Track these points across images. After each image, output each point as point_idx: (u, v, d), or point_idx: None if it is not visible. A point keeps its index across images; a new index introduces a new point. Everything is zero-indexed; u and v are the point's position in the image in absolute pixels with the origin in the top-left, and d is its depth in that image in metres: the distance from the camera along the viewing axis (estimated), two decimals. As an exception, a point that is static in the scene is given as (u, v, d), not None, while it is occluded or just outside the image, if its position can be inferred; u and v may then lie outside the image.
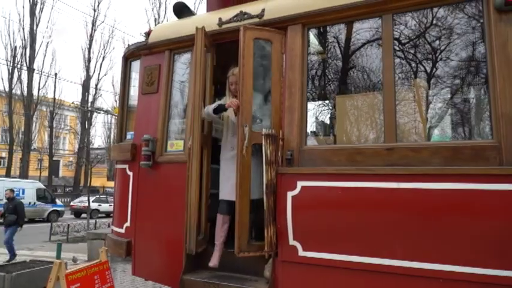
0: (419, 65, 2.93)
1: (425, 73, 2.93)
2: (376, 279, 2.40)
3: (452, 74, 2.82)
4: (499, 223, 2.17)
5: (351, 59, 3.16)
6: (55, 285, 2.56)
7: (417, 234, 2.32)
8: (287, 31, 3.03)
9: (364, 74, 3.07)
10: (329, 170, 2.61)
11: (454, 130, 2.82)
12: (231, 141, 3.15)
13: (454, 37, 2.75)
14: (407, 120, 2.80)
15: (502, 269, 2.11)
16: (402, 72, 2.93)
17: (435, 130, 2.86)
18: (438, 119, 2.85)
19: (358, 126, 3.01)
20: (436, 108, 2.88)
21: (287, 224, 2.68)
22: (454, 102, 2.88)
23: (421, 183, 2.34)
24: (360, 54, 3.11)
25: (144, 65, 3.74)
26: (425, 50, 2.88)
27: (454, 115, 2.86)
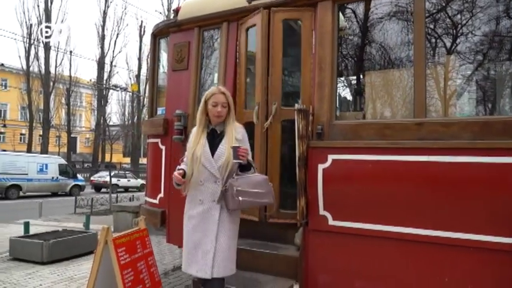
0: (450, 38, 2.95)
1: (456, 47, 2.95)
2: (404, 247, 2.54)
3: (483, 48, 2.84)
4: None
5: (380, 35, 3.18)
6: (104, 248, 2.78)
7: (446, 205, 2.43)
8: (317, 7, 3.06)
9: (393, 49, 3.11)
10: (360, 144, 2.71)
11: (485, 105, 2.86)
12: (202, 191, 2.40)
13: (487, 8, 2.75)
14: (437, 95, 2.86)
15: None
16: (433, 46, 2.96)
17: (467, 105, 2.91)
18: (469, 94, 2.90)
19: (387, 101, 3.08)
20: (467, 83, 2.92)
21: (318, 195, 2.81)
22: (485, 77, 2.91)
23: (451, 156, 2.43)
24: (389, 29, 3.13)
25: (174, 42, 3.83)
26: (457, 23, 2.89)
27: (485, 90, 2.89)
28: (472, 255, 2.35)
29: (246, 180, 2.34)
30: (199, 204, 2.39)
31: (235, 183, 2.30)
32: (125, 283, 2.80)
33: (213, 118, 2.45)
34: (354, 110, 3.31)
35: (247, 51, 3.42)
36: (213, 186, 2.37)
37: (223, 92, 2.45)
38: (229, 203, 2.32)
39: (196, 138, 2.43)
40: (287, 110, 3.05)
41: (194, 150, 2.38)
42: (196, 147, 2.38)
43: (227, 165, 2.35)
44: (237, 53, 3.44)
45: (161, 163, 3.79)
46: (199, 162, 2.35)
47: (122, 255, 2.85)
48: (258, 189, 2.32)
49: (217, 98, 2.42)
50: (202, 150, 2.37)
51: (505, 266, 2.27)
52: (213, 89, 2.49)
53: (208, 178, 2.38)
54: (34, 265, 5.46)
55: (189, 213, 2.46)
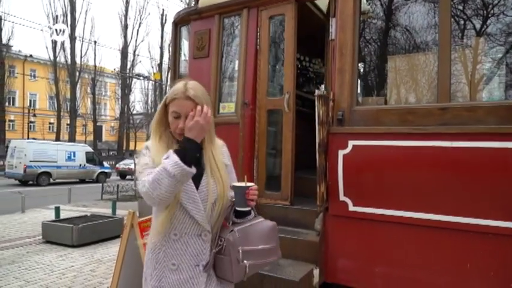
0: (474, 23, 2.85)
1: (480, 31, 2.84)
2: (424, 233, 2.53)
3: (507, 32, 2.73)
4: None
5: (404, 18, 3.11)
6: (130, 231, 2.91)
7: (467, 191, 2.39)
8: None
9: (417, 32, 3.03)
10: (382, 130, 2.68)
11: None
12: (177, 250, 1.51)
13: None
14: (462, 80, 2.78)
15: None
16: (458, 30, 2.87)
17: (492, 89, 2.81)
18: (494, 79, 2.80)
19: (411, 86, 3.02)
20: (492, 67, 2.82)
21: (338, 181, 2.82)
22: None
23: (475, 141, 2.37)
24: (413, 12, 3.05)
25: (194, 29, 3.86)
26: (481, 7, 2.78)
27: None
28: (494, 241, 2.31)
29: (249, 232, 1.51)
30: (171, 271, 1.48)
31: (235, 240, 1.46)
32: (151, 264, 2.92)
33: (175, 135, 1.53)
34: (376, 95, 3.26)
35: (270, 38, 3.42)
36: (197, 243, 1.50)
37: (191, 97, 1.47)
38: (227, 272, 1.48)
39: (156, 156, 1.48)
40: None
41: None
42: None
43: (219, 211, 1.54)
44: (257, 40, 3.44)
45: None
46: (175, 201, 1.45)
47: (146, 238, 2.97)
48: (266, 245, 1.52)
49: (180, 105, 1.47)
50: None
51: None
52: (177, 88, 1.51)
53: (189, 229, 1.49)
54: (65, 248, 5.76)
55: (153, 284, 1.50)
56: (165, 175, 1.33)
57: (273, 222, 1.61)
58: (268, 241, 1.54)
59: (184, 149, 1.38)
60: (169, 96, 1.51)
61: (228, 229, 1.49)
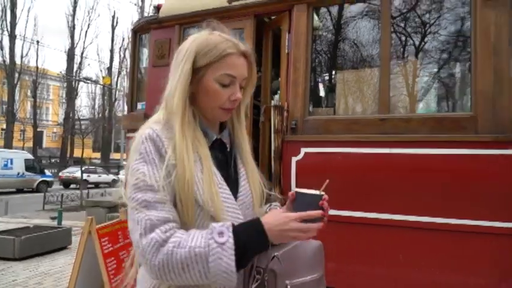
0: (412, 40, 3.26)
1: (416, 49, 3.26)
2: (372, 230, 2.83)
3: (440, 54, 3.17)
4: (473, 181, 2.58)
5: (350, 35, 3.46)
6: (88, 239, 2.89)
7: (405, 191, 2.73)
8: (293, 10, 3.28)
9: (362, 50, 3.38)
10: (330, 138, 2.96)
11: (439, 103, 3.20)
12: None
13: (444, 15, 3.08)
14: (400, 93, 3.16)
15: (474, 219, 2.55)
16: (397, 47, 3.26)
17: (422, 103, 3.23)
18: (425, 93, 3.22)
19: (356, 98, 3.35)
20: (424, 82, 3.25)
21: (291, 185, 3.04)
22: (441, 76, 3.25)
23: (410, 148, 2.72)
24: (358, 30, 3.40)
25: (155, 38, 3.93)
26: (417, 26, 3.20)
27: (440, 89, 3.23)
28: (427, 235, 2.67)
29: (294, 257, 1.01)
30: None
31: (281, 270, 0.95)
32: (108, 271, 2.92)
33: (212, 112, 1.04)
34: (326, 106, 3.56)
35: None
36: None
37: (247, 54, 1.04)
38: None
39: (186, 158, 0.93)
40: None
41: (188, 190, 0.92)
42: (203, 187, 0.94)
43: None
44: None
45: (141, 156, 3.90)
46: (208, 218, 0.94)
47: (105, 245, 2.97)
48: (314, 274, 1.05)
49: (235, 65, 1.01)
50: (216, 191, 0.96)
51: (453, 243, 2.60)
52: (225, 41, 1.01)
53: None
54: (6, 261, 5.41)
55: None
56: (200, 271, 0.84)
57: (318, 242, 1.11)
58: (316, 268, 1.07)
59: (249, 244, 0.87)
60: (211, 52, 0.98)
61: (267, 255, 0.95)
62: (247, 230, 0.88)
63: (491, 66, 2.64)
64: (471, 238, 2.56)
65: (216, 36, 1.02)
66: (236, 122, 1.12)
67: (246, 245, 0.86)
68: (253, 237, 0.87)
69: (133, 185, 0.90)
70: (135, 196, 0.89)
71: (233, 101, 1.01)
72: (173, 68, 1.05)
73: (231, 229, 0.86)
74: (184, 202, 0.91)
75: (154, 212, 0.87)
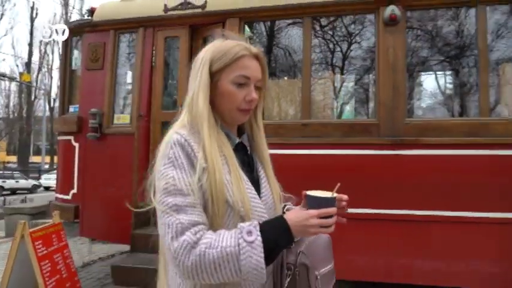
0: (331, 56, 3.75)
1: (333, 64, 3.76)
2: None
3: (353, 69, 3.70)
4: (377, 176, 3.09)
5: (276, 49, 3.84)
6: (20, 243, 2.86)
7: (323, 187, 3.15)
8: (226, 23, 3.56)
9: (287, 62, 3.80)
10: (260, 141, 3.29)
11: (351, 111, 3.73)
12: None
13: (356, 37, 3.60)
14: (319, 102, 3.62)
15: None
16: (317, 63, 3.72)
17: (338, 110, 3.73)
18: (340, 102, 3.74)
19: (284, 105, 3.74)
20: (340, 93, 3.76)
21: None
22: (353, 88, 3.79)
23: (327, 150, 3.17)
24: (284, 44, 3.81)
25: (88, 41, 3.94)
26: (335, 43, 3.69)
27: (352, 99, 3.77)
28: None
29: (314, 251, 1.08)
30: None
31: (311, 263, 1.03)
32: (43, 274, 2.92)
33: (230, 114, 1.06)
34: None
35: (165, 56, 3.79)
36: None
37: (259, 57, 1.07)
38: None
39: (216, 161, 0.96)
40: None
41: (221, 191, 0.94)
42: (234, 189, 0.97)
43: None
44: (153, 57, 3.75)
45: (74, 160, 3.89)
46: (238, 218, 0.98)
47: (39, 248, 2.96)
48: (330, 264, 1.14)
49: (249, 66, 1.04)
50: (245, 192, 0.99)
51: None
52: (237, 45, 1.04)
53: None
54: None
55: None
56: (232, 269, 0.87)
57: (327, 235, 1.16)
58: (330, 259, 1.14)
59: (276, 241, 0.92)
60: (226, 57, 1.02)
61: (292, 251, 1.03)
62: (273, 227, 0.92)
63: (391, 81, 3.19)
64: (372, 223, 3.07)
65: (228, 42, 1.05)
66: (255, 126, 1.14)
67: (273, 242, 0.90)
68: (279, 234, 0.91)
69: (163, 190, 0.92)
70: (165, 200, 0.91)
71: (249, 101, 1.03)
72: (191, 76, 1.06)
73: (259, 228, 0.89)
74: (215, 203, 0.93)
75: (184, 215, 0.89)
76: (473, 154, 3.00)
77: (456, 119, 3.35)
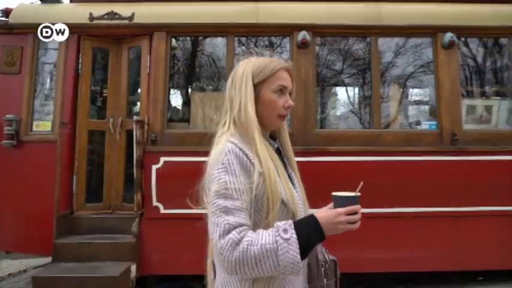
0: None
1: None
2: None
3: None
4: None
5: (202, 61, 4.10)
6: None
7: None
8: (153, 35, 3.70)
9: (212, 73, 4.07)
10: (186, 149, 3.50)
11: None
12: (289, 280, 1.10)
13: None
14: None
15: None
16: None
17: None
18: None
19: (207, 115, 3.98)
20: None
21: (152, 190, 3.46)
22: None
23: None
24: (209, 57, 4.08)
25: (2, 44, 3.76)
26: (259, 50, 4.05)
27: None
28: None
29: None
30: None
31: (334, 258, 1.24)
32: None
33: (272, 119, 1.18)
34: (183, 121, 4.09)
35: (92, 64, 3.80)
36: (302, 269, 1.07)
37: (290, 70, 1.21)
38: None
39: (271, 165, 1.08)
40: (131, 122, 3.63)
41: (277, 192, 1.05)
42: (286, 189, 1.10)
43: None
44: (79, 65, 3.73)
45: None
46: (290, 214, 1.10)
47: None
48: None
49: (285, 77, 1.18)
50: (292, 192, 1.13)
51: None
52: (272, 60, 1.19)
53: None
54: None
55: None
56: (271, 264, 0.96)
57: None
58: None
59: (309, 237, 1.00)
60: (265, 70, 1.15)
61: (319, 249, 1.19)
62: (306, 225, 1.00)
63: (303, 97, 3.63)
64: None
65: (263, 58, 1.18)
66: (282, 131, 1.25)
67: (307, 238, 0.98)
68: (312, 231, 1.00)
69: (215, 192, 1.01)
70: (216, 202, 1.00)
71: (287, 107, 1.15)
72: (234, 88, 1.15)
73: (293, 226, 0.98)
74: (271, 201, 1.02)
75: (231, 217, 0.98)
76: (368, 160, 3.57)
77: (355, 130, 3.93)
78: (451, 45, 3.74)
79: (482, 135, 3.77)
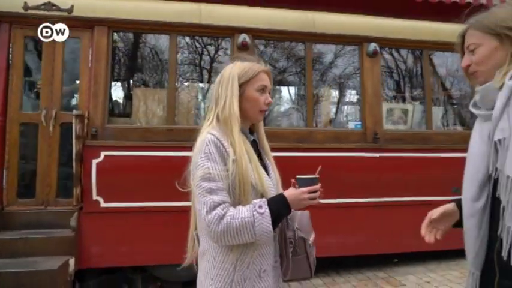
0: (195, 69, 4.24)
1: (198, 74, 4.27)
2: (153, 216, 3.57)
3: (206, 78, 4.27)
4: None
5: (144, 58, 4.15)
6: None
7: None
8: (94, 29, 3.68)
9: (153, 71, 4.13)
10: (128, 143, 3.56)
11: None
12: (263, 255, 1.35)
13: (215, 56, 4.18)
14: (183, 109, 4.08)
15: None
16: (182, 74, 4.17)
17: (198, 117, 4.27)
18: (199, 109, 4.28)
19: (149, 110, 4.05)
20: (197, 101, 4.31)
21: (92, 184, 3.47)
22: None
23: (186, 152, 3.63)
24: (150, 53, 4.14)
25: None
26: (198, 61, 4.20)
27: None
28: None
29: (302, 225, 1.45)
30: (260, 280, 1.31)
31: (301, 233, 1.42)
32: None
33: (254, 114, 1.40)
34: (125, 116, 4.11)
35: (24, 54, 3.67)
36: (272, 243, 1.37)
37: (269, 71, 1.45)
38: (304, 270, 1.42)
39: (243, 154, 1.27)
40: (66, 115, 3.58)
41: (247, 177, 1.26)
42: (255, 174, 1.30)
43: None
44: (9, 55, 3.59)
45: None
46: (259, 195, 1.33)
47: None
48: (313, 233, 1.49)
49: (265, 78, 1.41)
50: (262, 177, 1.33)
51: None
52: (254, 64, 1.40)
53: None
54: None
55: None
56: (249, 233, 1.19)
57: (307, 211, 1.51)
58: (312, 229, 1.49)
59: (278, 212, 1.25)
60: (249, 70, 1.36)
61: (290, 228, 1.40)
62: (277, 202, 1.26)
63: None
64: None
65: (247, 62, 1.39)
66: (259, 127, 1.48)
67: (277, 212, 1.24)
68: (281, 206, 1.26)
69: (200, 176, 1.22)
70: (201, 184, 1.22)
71: (267, 103, 1.39)
72: (221, 88, 1.36)
73: (267, 203, 1.23)
74: (242, 184, 1.24)
75: (215, 196, 1.20)
76: (301, 156, 3.90)
77: (289, 128, 4.24)
78: (375, 54, 4.20)
79: (399, 135, 4.30)
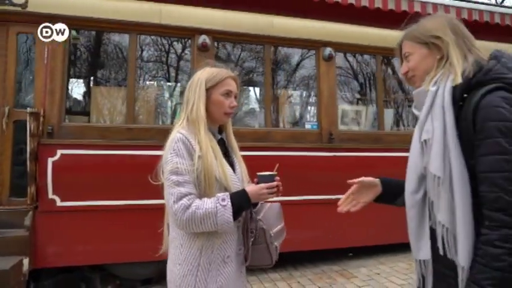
0: (156, 71, 4.27)
1: (156, 76, 4.30)
2: (112, 214, 3.59)
3: (175, 80, 4.32)
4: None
5: (103, 57, 4.12)
6: None
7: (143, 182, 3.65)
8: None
9: (113, 70, 4.13)
10: (86, 142, 3.54)
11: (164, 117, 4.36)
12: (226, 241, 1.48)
13: (178, 56, 4.24)
14: (142, 109, 4.10)
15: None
16: (141, 75, 4.19)
17: (160, 117, 4.31)
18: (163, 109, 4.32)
19: (109, 109, 4.04)
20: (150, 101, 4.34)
21: (47, 182, 3.43)
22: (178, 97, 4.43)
23: (149, 151, 3.67)
24: (111, 53, 4.12)
25: None
26: (159, 60, 4.23)
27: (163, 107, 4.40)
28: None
29: (268, 217, 1.60)
30: (224, 265, 1.45)
31: (265, 225, 1.55)
32: None
33: (219, 116, 1.52)
34: (82, 114, 4.07)
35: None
36: (236, 232, 1.51)
37: (236, 78, 1.58)
38: (265, 258, 1.57)
39: (208, 151, 1.41)
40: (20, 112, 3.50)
41: (211, 171, 1.39)
42: (219, 169, 1.43)
43: None
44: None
45: None
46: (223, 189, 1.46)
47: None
48: (280, 224, 1.65)
49: (231, 84, 1.54)
50: (226, 172, 1.46)
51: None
52: (220, 70, 1.54)
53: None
54: None
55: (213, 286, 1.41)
56: (212, 222, 1.34)
57: (278, 203, 1.68)
58: (281, 220, 1.66)
59: (239, 205, 1.39)
60: (216, 76, 1.50)
61: (254, 219, 1.53)
62: (239, 196, 1.40)
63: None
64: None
65: (214, 68, 1.54)
66: (228, 126, 1.61)
67: (238, 205, 1.38)
68: (242, 200, 1.40)
69: (169, 170, 1.36)
70: (170, 177, 1.35)
71: (232, 107, 1.52)
72: (190, 92, 1.49)
73: (229, 196, 1.37)
74: (207, 179, 1.37)
75: (182, 188, 1.34)
76: (259, 155, 4.04)
77: (249, 128, 4.38)
78: (330, 58, 4.42)
79: (353, 135, 4.55)
